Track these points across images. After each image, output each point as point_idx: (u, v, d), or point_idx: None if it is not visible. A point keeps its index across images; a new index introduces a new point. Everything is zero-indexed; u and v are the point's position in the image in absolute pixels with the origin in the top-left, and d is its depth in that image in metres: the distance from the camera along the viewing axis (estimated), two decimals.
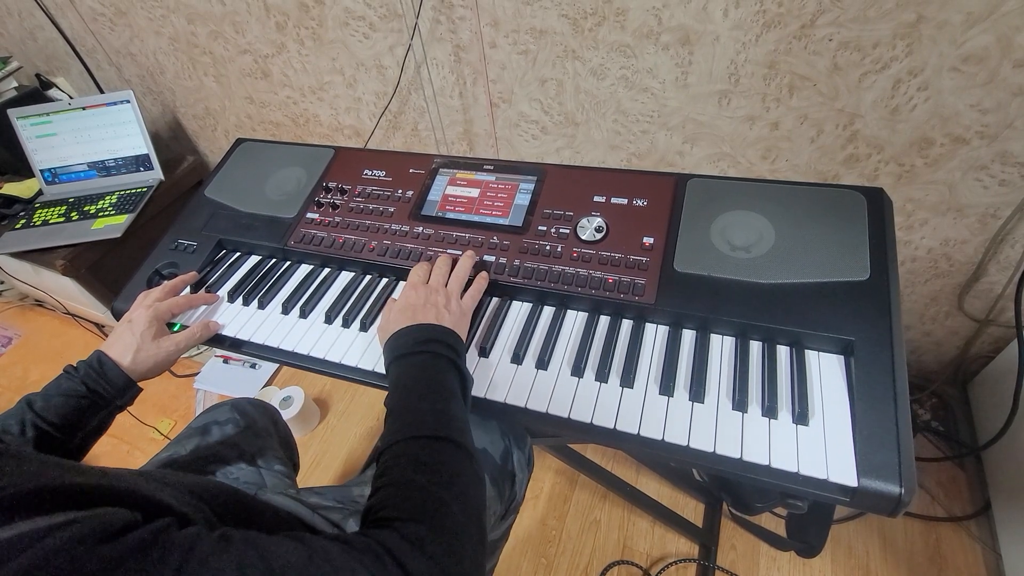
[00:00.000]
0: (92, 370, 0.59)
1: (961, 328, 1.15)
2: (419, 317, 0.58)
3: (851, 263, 0.59)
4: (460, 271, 0.66)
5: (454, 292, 0.63)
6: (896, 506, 0.47)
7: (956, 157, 0.89)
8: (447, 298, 0.62)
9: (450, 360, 0.54)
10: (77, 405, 0.57)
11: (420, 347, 0.55)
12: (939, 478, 1.14)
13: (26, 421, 0.54)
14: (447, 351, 0.55)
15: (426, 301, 0.60)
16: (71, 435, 0.56)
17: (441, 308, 0.60)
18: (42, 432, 0.54)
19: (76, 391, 0.57)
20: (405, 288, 0.64)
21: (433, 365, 0.54)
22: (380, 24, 1.14)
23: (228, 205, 0.86)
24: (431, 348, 0.55)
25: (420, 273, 0.66)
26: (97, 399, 0.58)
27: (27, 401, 0.56)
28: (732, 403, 0.54)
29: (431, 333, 0.56)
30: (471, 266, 0.68)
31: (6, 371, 1.77)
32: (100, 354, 0.61)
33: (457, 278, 0.65)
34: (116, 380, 0.60)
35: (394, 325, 0.58)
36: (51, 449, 0.54)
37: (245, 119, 1.60)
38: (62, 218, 1.47)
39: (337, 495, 0.65)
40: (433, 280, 0.65)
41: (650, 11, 0.90)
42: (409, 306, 0.60)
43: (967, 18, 0.75)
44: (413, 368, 0.54)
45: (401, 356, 0.55)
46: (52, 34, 1.58)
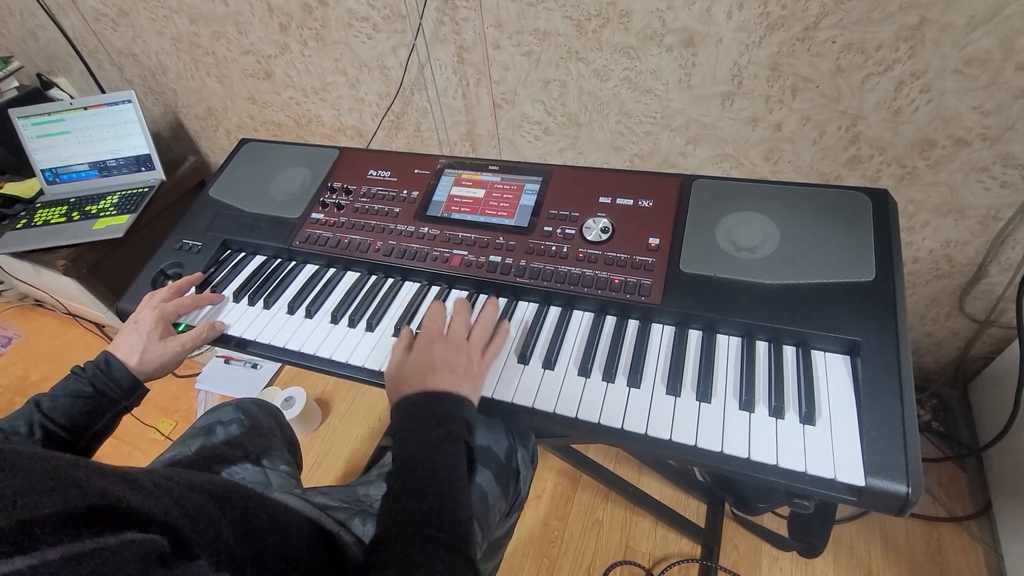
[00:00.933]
0: (99, 371, 0.59)
1: (962, 329, 1.15)
2: (434, 382, 0.53)
3: (856, 264, 0.59)
4: (484, 322, 0.60)
5: (476, 349, 0.58)
6: (903, 506, 0.47)
7: (958, 159, 0.89)
8: (468, 358, 0.56)
9: (463, 441, 0.50)
10: (85, 406, 0.57)
11: (433, 425, 0.50)
12: (940, 478, 1.14)
13: (34, 422, 0.54)
14: (461, 429, 0.50)
15: (444, 363, 0.54)
16: (79, 436, 0.56)
17: (459, 373, 0.54)
18: (50, 433, 0.54)
19: (84, 392, 0.57)
20: (422, 338, 0.58)
21: (444, 451, 0.49)
22: (383, 25, 1.14)
23: (233, 205, 0.86)
24: (445, 427, 0.50)
25: (438, 320, 0.60)
26: (104, 400, 0.58)
27: (35, 402, 0.56)
28: (739, 403, 0.54)
29: (446, 407, 0.52)
30: (496, 316, 0.62)
31: (6, 371, 1.76)
32: (107, 355, 0.61)
33: (481, 331, 0.59)
34: (123, 381, 0.60)
35: (405, 385, 0.54)
36: (59, 449, 0.54)
37: (247, 119, 1.60)
38: (63, 218, 1.47)
39: (342, 495, 0.65)
40: (454, 334, 0.58)
41: (654, 13, 0.91)
42: (424, 365, 0.54)
43: (970, 21, 0.75)
44: (423, 451, 0.49)
45: (412, 430, 0.50)
46: (54, 34, 1.58)
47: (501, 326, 0.62)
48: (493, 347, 0.60)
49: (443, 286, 0.73)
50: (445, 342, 0.56)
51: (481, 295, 0.71)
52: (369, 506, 0.64)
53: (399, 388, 0.54)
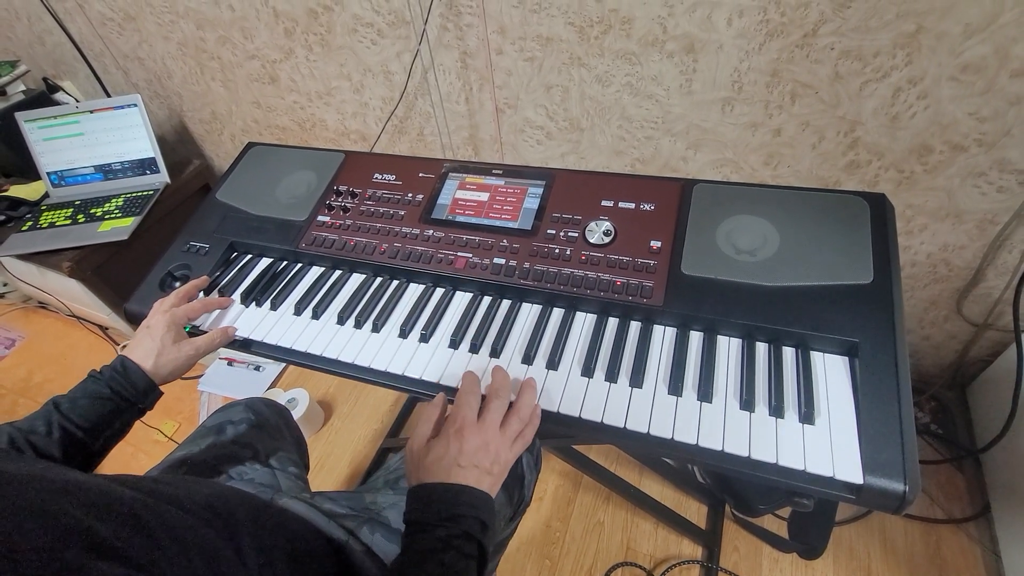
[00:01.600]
0: (116, 373, 0.60)
1: (960, 332, 1.16)
2: (457, 476, 0.50)
3: (855, 267, 0.61)
4: (521, 411, 0.56)
5: (507, 442, 0.54)
6: (901, 503, 0.48)
7: (955, 164, 0.91)
8: (496, 452, 0.52)
9: (477, 543, 0.48)
10: (102, 407, 0.58)
11: (448, 523, 0.48)
12: (938, 480, 1.15)
13: (52, 422, 0.55)
14: (476, 529, 0.48)
15: (471, 458, 0.51)
16: (95, 437, 0.57)
17: (484, 468, 0.51)
18: (68, 433, 0.55)
19: (101, 393, 0.59)
20: (452, 423, 0.54)
21: (459, 554, 0.47)
22: (388, 31, 1.15)
23: (240, 208, 0.87)
24: (460, 527, 0.47)
25: (472, 404, 0.55)
26: (121, 402, 0.59)
27: (54, 403, 0.57)
28: (739, 403, 0.56)
29: (464, 506, 0.49)
30: (534, 401, 0.58)
31: (9, 373, 1.77)
32: (123, 359, 0.62)
33: (516, 420, 0.55)
34: (139, 383, 0.61)
35: (426, 473, 0.51)
36: (76, 449, 0.55)
37: (252, 123, 1.61)
38: (68, 220, 1.48)
39: (350, 502, 0.66)
40: (488, 424, 0.54)
41: (655, 20, 0.92)
42: (451, 457, 0.51)
43: (965, 29, 0.77)
44: (435, 549, 0.47)
45: (427, 524, 0.48)
46: (60, 38, 1.60)
47: (535, 413, 0.58)
48: (523, 440, 0.56)
49: (447, 288, 0.74)
50: (476, 433, 0.53)
51: (525, 304, 0.71)
52: (377, 514, 0.64)
53: (419, 472, 0.52)
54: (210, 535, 0.41)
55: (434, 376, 0.64)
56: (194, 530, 0.40)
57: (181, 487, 0.47)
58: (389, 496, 0.68)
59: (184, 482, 0.52)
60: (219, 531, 0.43)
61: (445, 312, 0.71)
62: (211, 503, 0.46)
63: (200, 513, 0.43)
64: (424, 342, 0.68)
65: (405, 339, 0.68)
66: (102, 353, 1.78)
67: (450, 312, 0.71)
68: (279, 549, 0.49)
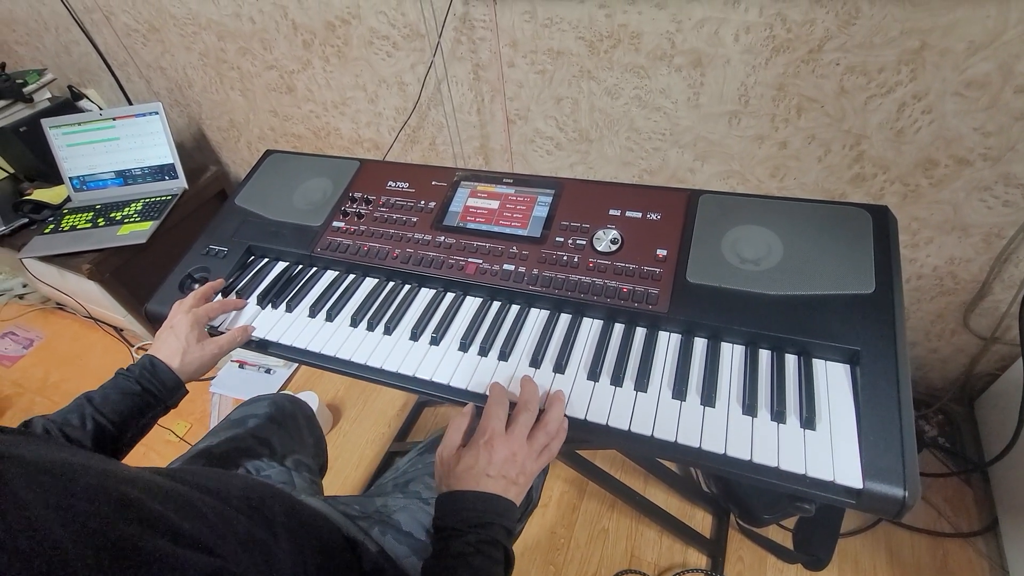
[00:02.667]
0: (145, 371, 0.63)
1: (967, 345, 1.16)
2: (486, 485, 0.52)
3: (857, 277, 0.62)
4: (551, 425, 0.57)
5: (534, 454, 0.55)
6: (900, 509, 0.49)
7: (960, 178, 0.92)
8: (523, 463, 0.54)
9: (503, 548, 0.51)
10: (132, 403, 0.61)
11: (478, 529, 0.50)
12: (946, 494, 1.14)
13: (86, 415, 0.58)
14: (502, 536, 0.50)
15: (499, 469, 0.53)
16: (124, 430, 0.60)
17: (510, 480, 0.53)
18: (100, 426, 0.58)
19: (132, 389, 0.61)
20: (482, 433, 0.55)
21: (487, 558, 0.49)
22: (403, 43, 1.19)
23: (257, 213, 0.90)
24: (488, 533, 0.50)
25: (500, 415, 0.56)
26: (150, 398, 0.62)
27: (86, 397, 0.60)
28: (742, 408, 0.57)
29: (492, 514, 0.51)
30: (561, 415, 0.58)
31: (27, 372, 1.81)
32: (152, 357, 0.65)
33: (544, 433, 0.56)
34: (167, 381, 0.64)
35: (456, 480, 0.53)
36: (106, 442, 0.58)
37: (268, 131, 1.65)
38: (89, 224, 1.52)
39: (361, 505, 0.68)
40: (516, 436, 0.55)
41: (664, 35, 0.94)
42: (480, 467, 0.53)
43: (969, 46, 0.78)
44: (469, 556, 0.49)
45: (456, 531, 0.50)
46: (86, 48, 1.65)
47: (562, 426, 0.58)
48: (549, 453, 0.57)
49: (458, 293, 0.76)
50: (505, 444, 0.54)
51: (533, 309, 0.72)
52: (388, 516, 0.66)
53: (448, 479, 0.54)
54: (249, 524, 0.43)
55: (444, 378, 0.65)
56: (235, 519, 0.42)
57: (215, 479, 0.50)
58: (399, 499, 0.69)
59: (216, 474, 0.54)
60: (256, 522, 0.45)
61: (455, 316, 0.73)
62: (246, 495, 0.48)
63: (236, 504, 0.45)
64: (435, 345, 0.69)
65: (416, 342, 0.70)
66: (117, 354, 1.81)
67: (460, 316, 0.73)
68: (309, 541, 0.51)
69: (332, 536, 0.58)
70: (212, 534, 0.37)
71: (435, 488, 0.56)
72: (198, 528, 0.36)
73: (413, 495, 0.68)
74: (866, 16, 0.81)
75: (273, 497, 0.52)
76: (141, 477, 0.38)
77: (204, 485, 0.45)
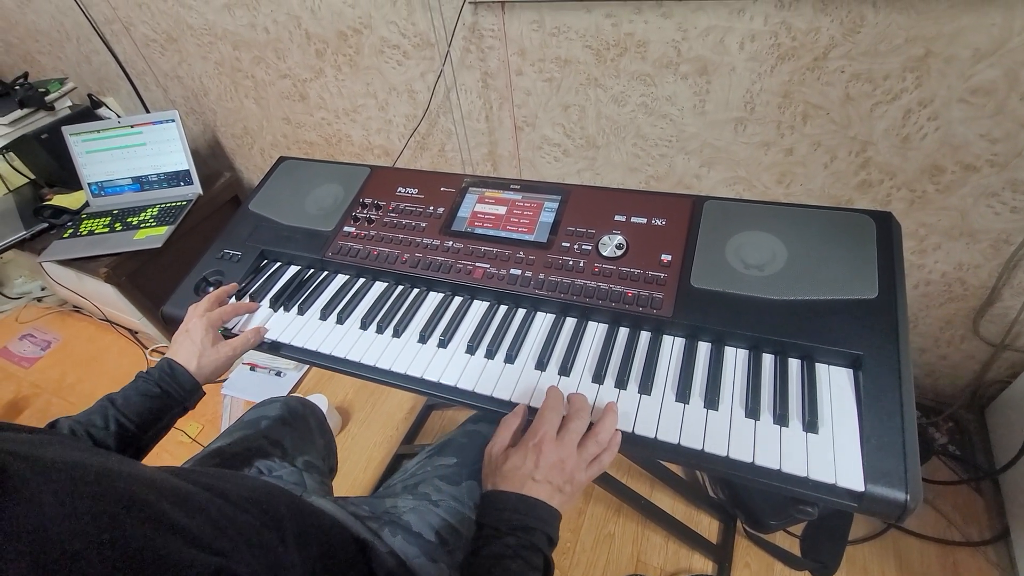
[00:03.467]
0: (164, 374, 0.65)
1: (977, 352, 1.16)
2: (531, 489, 0.52)
3: (860, 282, 0.62)
4: (602, 435, 0.56)
5: (583, 464, 0.54)
6: (902, 512, 0.50)
7: (967, 184, 0.92)
8: (571, 473, 0.53)
9: (543, 556, 0.50)
10: (152, 404, 0.63)
11: (520, 533, 0.49)
12: (955, 502, 1.13)
13: (109, 416, 0.60)
14: (543, 543, 0.50)
15: (546, 474, 0.52)
16: (144, 431, 0.62)
17: (556, 487, 0.52)
18: (122, 426, 0.60)
19: (152, 392, 0.63)
20: (532, 435, 0.55)
21: (525, 564, 0.48)
22: (413, 52, 1.21)
23: (270, 218, 0.92)
24: (529, 538, 0.49)
25: (554, 420, 0.56)
26: (169, 399, 0.64)
27: (109, 399, 0.62)
28: (745, 411, 0.57)
29: (535, 520, 0.50)
30: (615, 426, 0.58)
31: (44, 373, 1.85)
32: (170, 360, 0.67)
33: (595, 443, 0.55)
34: (185, 383, 0.66)
35: (503, 480, 0.53)
36: (128, 442, 0.60)
37: (280, 138, 1.69)
38: (106, 228, 1.56)
39: (371, 506, 0.69)
40: (567, 442, 0.54)
41: (670, 43, 0.96)
42: (527, 469, 0.52)
43: (975, 53, 0.79)
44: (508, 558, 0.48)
45: (497, 532, 0.50)
46: (106, 58, 1.69)
47: (614, 440, 0.57)
48: (599, 463, 0.56)
49: (465, 297, 0.77)
50: (554, 450, 0.53)
51: (539, 313, 0.74)
52: (397, 517, 0.67)
53: (495, 479, 0.54)
54: (257, 525, 0.45)
55: (452, 380, 0.67)
56: (243, 519, 0.43)
57: (226, 480, 0.51)
58: (408, 500, 0.70)
59: (227, 475, 0.56)
60: (264, 523, 0.46)
61: (463, 319, 0.74)
62: (255, 496, 0.49)
63: (245, 505, 0.46)
64: (442, 347, 0.71)
65: (424, 344, 0.72)
66: (132, 356, 1.85)
67: (467, 319, 0.74)
68: (316, 542, 0.52)
69: (340, 537, 0.59)
70: (219, 535, 0.38)
71: (482, 486, 0.56)
72: (205, 529, 0.37)
73: (423, 497, 0.69)
74: (871, 24, 0.81)
75: (280, 498, 0.54)
76: (154, 478, 0.40)
77: (214, 486, 0.46)
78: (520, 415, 0.60)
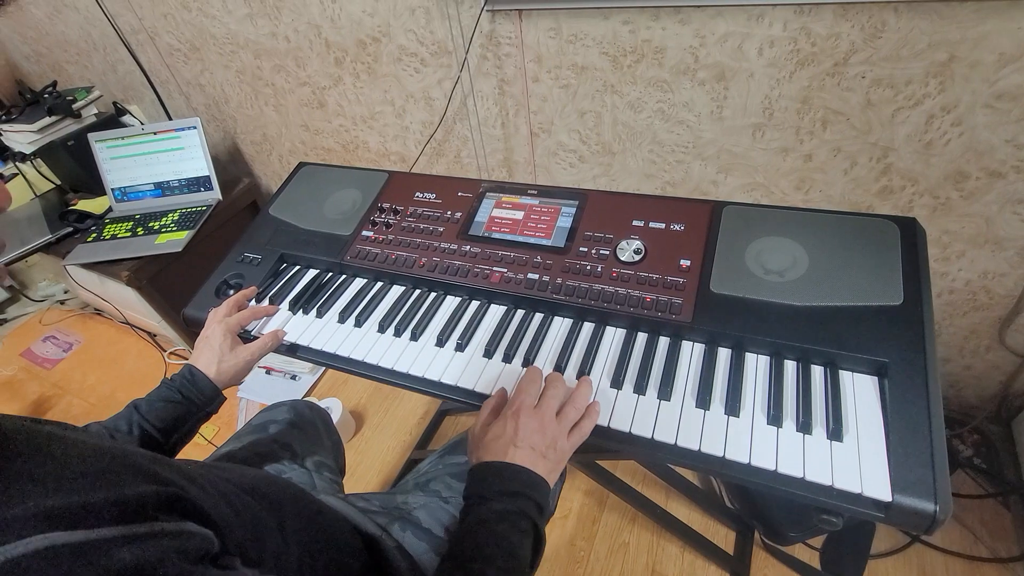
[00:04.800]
0: (186, 380, 0.67)
1: (1003, 363, 1.13)
2: (513, 456, 0.53)
3: (884, 288, 0.61)
4: (577, 401, 0.58)
5: (563, 428, 0.56)
6: (931, 524, 0.48)
7: (992, 191, 0.90)
8: (552, 438, 0.55)
9: (532, 522, 0.50)
10: (174, 410, 0.64)
11: (504, 499, 0.50)
12: (982, 517, 1.10)
13: (133, 421, 0.61)
14: (532, 509, 0.50)
15: (526, 438, 0.53)
16: (168, 436, 0.63)
17: (539, 451, 0.53)
18: (145, 432, 0.61)
19: (173, 398, 0.65)
20: (511, 406, 0.57)
21: (512, 524, 0.49)
22: (431, 60, 1.22)
23: (290, 223, 0.93)
24: (516, 504, 0.50)
25: (531, 391, 0.58)
26: (190, 406, 0.65)
27: (134, 405, 0.63)
28: (767, 418, 0.57)
29: (519, 484, 0.51)
30: (590, 396, 0.60)
31: (66, 374, 1.89)
32: (191, 367, 0.68)
33: (573, 409, 0.57)
34: (206, 389, 0.67)
35: (486, 452, 0.54)
36: (151, 447, 0.61)
37: (299, 144, 1.71)
38: (129, 233, 1.59)
39: (382, 501, 0.69)
40: (544, 409, 0.56)
41: (687, 50, 0.96)
42: (507, 436, 0.54)
43: (999, 58, 0.78)
44: (490, 520, 0.49)
45: (482, 498, 0.51)
46: (131, 67, 1.74)
47: (592, 408, 0.59)
48: (580, 430, 0.57)
49: (483, 301, 0.77)
50: (533, 416, 0.55)
51: (557, 317, 0.74)
52: (408, 513, 0.67)
53: (479, 452, 0.55)
54: (256, 508, 0.45)
55: (469, 383, 0.67)
56: (240, 499, 0.43)
57: (230, 471, 0.51)
58: (419, 497, 0.70)
59: (233, 467, 0.57)
60: (264, 508, 0.46)
61: (480, 323, 0.74)
62: (256, 485, 0.50)
63: (246, 489, 0.47)
64: (460, 351, 0.71)
65: (442, 347, 0.72)
66: (150, 359, 1.88)
67: (485, 323, 0.74)
68: (318, 535, 0.52)
69: (346, 531, 0.59)
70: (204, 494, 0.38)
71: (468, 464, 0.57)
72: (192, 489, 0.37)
73: (433, 494, 0.69)
74: (892, 29, 0.81)
75: (285, 490, 0.54)
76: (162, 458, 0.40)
77: (218, 474, 0.47)
78: (499, 395, 0.61)
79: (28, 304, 2.18)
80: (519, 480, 0.51)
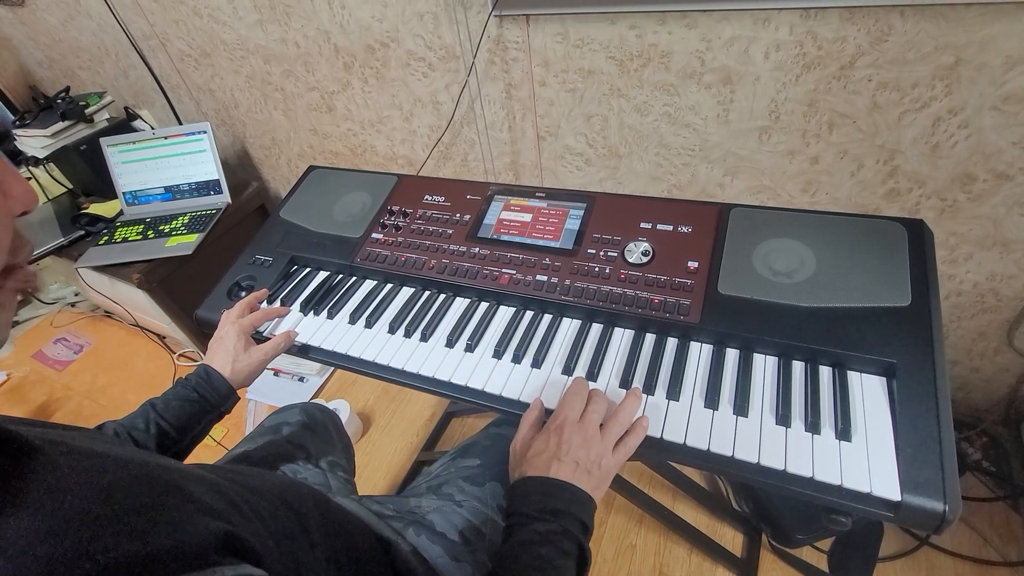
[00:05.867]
0: (201, 379, 0.68)
1: (1012, 365, 1.13)
2: (557, 471, 0.51)
3: (892, 290, 0.62)
4: (623, 416, 0.56)
5: (608, 446, 0.54)
6: (940, 523, 0.49)
7: (1000, 193, 0.90)
8: (597, 454, 0.53)
9: (576, 543, 0.48)
10: (190, 409, 0.65)
11: (548, 518, 0.48)
12: (992, 520, 1.10)
13: (150, 420, 0.62)
14: (576, 528, 0.48)
15: (570, 454, 0.52)
16: (183, 435, 0.64)
17: (583, 467, 0.51)
18: (162, 430, 0.62)
19: (190, 397, 0.66)
20: (554, 420, 0.55)
21: (555, 546, 0.47)
22: (439, 64, 1.24)
23: (301, 225, 0.95)
24: (559, 523, 0.48)
25: (575, 405, 0.56)
26: (206, 404, 0.67)
27: (150, 404, 0.65)
28: (775, 418, 0.57)
29: (564, 502, 0.49)
30: (637, 410, 0.58)
31: (77, 376, 1.90)
32: (206, 367, 0.69)
33: (618, 424, 0.55)
34: (221, 388, 0.68)
35: (528, 466, 0.52)
36: (167, 445, 0.62)
37: (307, 149, 1.73)
38: (139, 236, 1.60)
39: (396, 505, 0.70)
40: (588, 423, 0.54)
41: (694, 54, 0.97)
42: (551, 451, 0.52)
43: (1006, 60, 0.78)
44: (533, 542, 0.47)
45: (524, 517, 0.49)
46: (143, 72, 1.76)
47: (639, 423, 0.57)
48: (626, 446, 0.55)
49: (492, 302, 0.78)
50: (577, 430, 0.53)
51: (565, 319, 0.75)
52: (422, 517, 0.67)
53: (520, 467, 0.53)
54: (284, 520, 0.46)
55: (478, 384, 0.67)
56: (272, 515, 0.44)
57: (254, 478, 0.52)
58: (432, 500, 0.71)
59: (255, 473, 0.57)
60: (291, 519, 0.47)
61: (489, 324, 0.75)
62: (283, 494, 0.50)
63: (274, 501, 0.47)
64: (469, 352, 0.72)
65: (451, 349, 0.73)
66: (160, 361, 1.89)
67: (494, 325, 0.75)
68: (341, 541, 0.53)
69: (364, 536, 0.60)
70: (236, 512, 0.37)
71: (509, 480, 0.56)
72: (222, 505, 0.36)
73: (446, 497, 0.70)
74: (899, 32, 0.81)
75: (308, 497, 0.55)
76: (186, 470, 0.40)
77: (244, 483, 0.47)
78: (538, 408, 0.60)
79: (40, 306, 2.21)
80: (563, 497, 0.49)
